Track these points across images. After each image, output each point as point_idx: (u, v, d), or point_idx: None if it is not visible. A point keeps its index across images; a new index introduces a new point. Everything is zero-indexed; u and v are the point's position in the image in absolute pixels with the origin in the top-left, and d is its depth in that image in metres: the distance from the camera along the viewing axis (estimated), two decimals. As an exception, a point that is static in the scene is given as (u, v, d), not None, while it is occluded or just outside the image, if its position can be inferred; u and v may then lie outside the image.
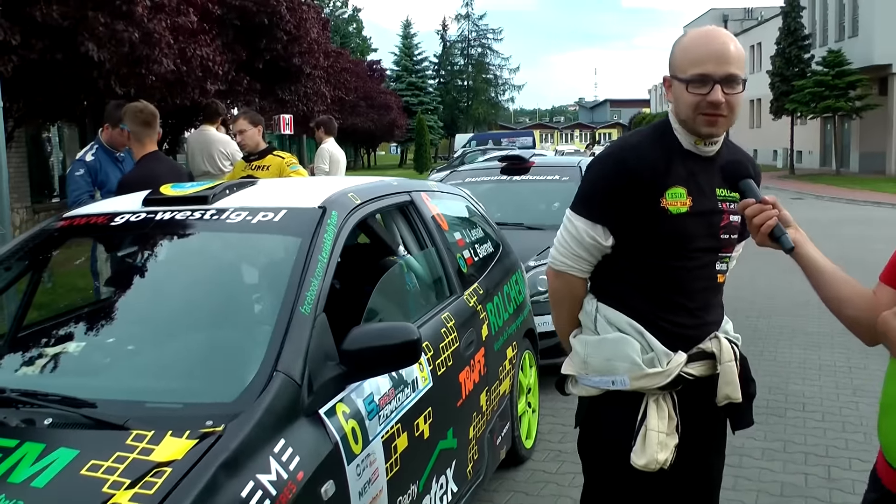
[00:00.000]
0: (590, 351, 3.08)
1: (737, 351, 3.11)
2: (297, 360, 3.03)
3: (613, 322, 3.03)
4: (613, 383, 3.01)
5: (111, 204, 4.41)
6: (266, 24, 20.35)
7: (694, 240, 2.97)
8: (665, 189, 2.92)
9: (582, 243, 3.01)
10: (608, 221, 2.97)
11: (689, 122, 2.93)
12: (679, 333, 3.00)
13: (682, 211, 2.92)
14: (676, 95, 2.95)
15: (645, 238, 2.95)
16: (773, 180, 42.20)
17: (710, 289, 3.10)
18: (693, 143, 2.98)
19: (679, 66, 2.93)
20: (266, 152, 8.31)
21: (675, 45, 3.00)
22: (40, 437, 2.72)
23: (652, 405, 2.98)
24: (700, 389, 3.04)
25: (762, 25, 59.94)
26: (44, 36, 11.23)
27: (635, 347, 2.97)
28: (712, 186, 3.01)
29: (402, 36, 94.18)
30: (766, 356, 8.81)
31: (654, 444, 2.93)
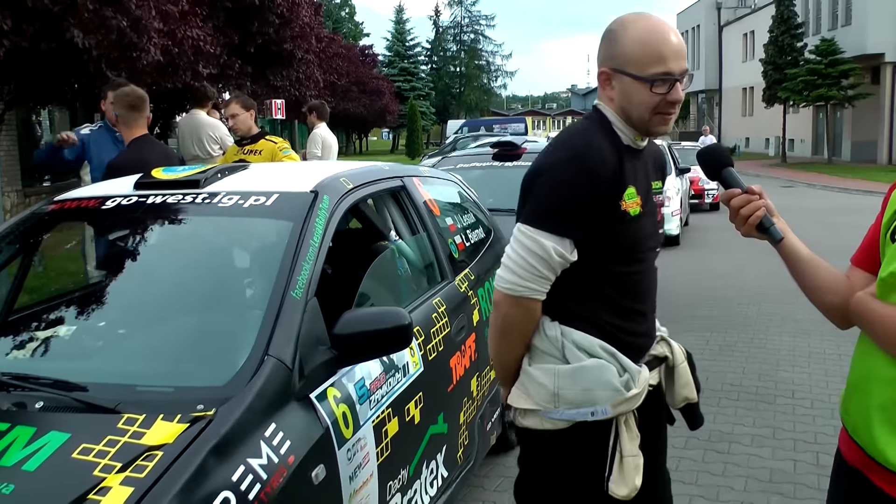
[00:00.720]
0: (562, 383, 2.74)
1: (684, 349, 3.02)
2: (288, 344, 3.03)
3: (584, 347, 2.75)
4: (593, 414, 2.72)
5: (102, 187, 4.40)
6: (257, 6, 20.26)
7: (645, 240, 2.84)
8: (623, 190, 2.73)
9: (549, 262, 2.68)
10: (576, 234, 2.69)
11: (643, 122, 2.75)
12: (637, 343, 2.86)
13: (638, 212, 2.76)
14: (628, 93, 2.73)
15: (607, 245, 2.75)
16: (764, 168, 42.32)
17: (653, 286, 2.97)
18: (633, 138, 2.82)
19: (635, 61, 2.68)
20: (258, 137, 8.31)
21: (622, 36, 2.73)
22: (31, 420, 2.72)
23: (623, 428, 2.75)
24: (652, 396, 2.90)
25: (755, 13, 59.88)
26: (34, 20, 11.19)
27: (613, 372, 2.72)
28: (649, 181, 2.90)
29: (395, 21, 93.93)
30: (756, 343, 8.87)
31: (632, 469, 2.73)
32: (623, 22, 2.78)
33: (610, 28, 2.80)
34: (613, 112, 2.82)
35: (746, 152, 58.83)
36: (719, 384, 7.43)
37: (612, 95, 2.79)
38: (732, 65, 65.09)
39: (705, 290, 11.49)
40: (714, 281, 12.06)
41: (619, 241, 2.76)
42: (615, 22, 2.81)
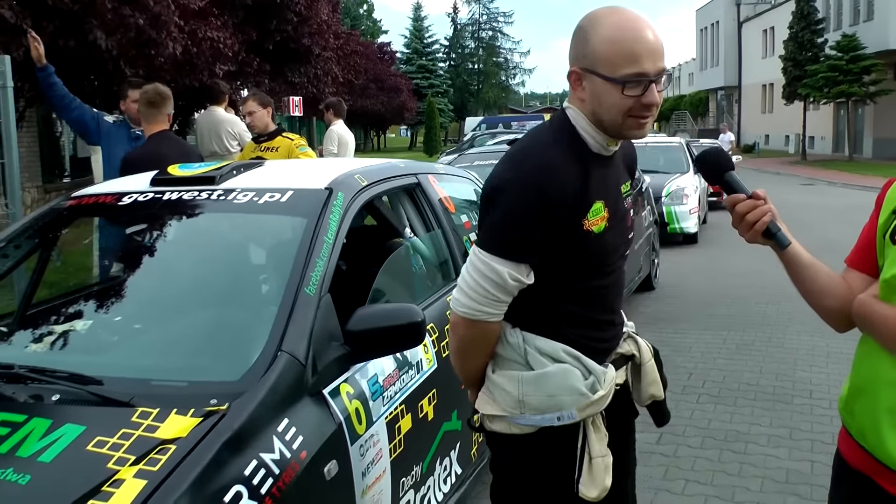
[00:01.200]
0: (526, 389, 2.66)
1: (651, 346, 2.93)
2: (301, 340, 3.04)
3: (546, 352, 2.66)
4: (559, 419, 2.64)
5: (119, 184, 4.44)
6: (276, 3, 20.32)
7: (614, 252, 2.71)
8: (587, 209, 2.56)
9: (504, 287, 2.56)
10: (532, 258, 2.56)
11: (615, 126, 2.56)
12: (603, 347, 2.77)
13: (603, 227, 2.59)
14: (598, 95, 2.53)
15: (567, 263, 2.61)
16: (784, 166, 42.07)
17: (621, 292, 2.88)
18: (605, 144, 2.63)
19: (605, 62, 2.48)
20: (275, 134, 8.33)
21: (591, 34, 2.53)
22: (48, 412, 2.75)
23: (591, 429, 2.68)
24: (620, 395, 2.81)
25: (775, 9, 59.53)
26: (53, 19, 11.25)
27: (577, 376, 2.63)
28: (619, 186, 2.75)
29: (413, 18, 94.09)
30: (773, 342, 8.82)
31: (601, 470, 2.65)
32: (594, 18, 2.57)
33: (580, 24, 2.61)
34: (584, 115, 2.63)
35: (766, 150, 58.51)
36: (736, 383, 7.40)
37: (582, 97, 2.60)
38: (752, 61, 64.81)
39: (723, 289, 11.45)
40: (732, 279, 12.01)
41: (581, 259, 2.62)
42: (586, 17, 2.60)
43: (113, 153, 7.16)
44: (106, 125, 7.29)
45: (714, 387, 7.33)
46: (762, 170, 39.77)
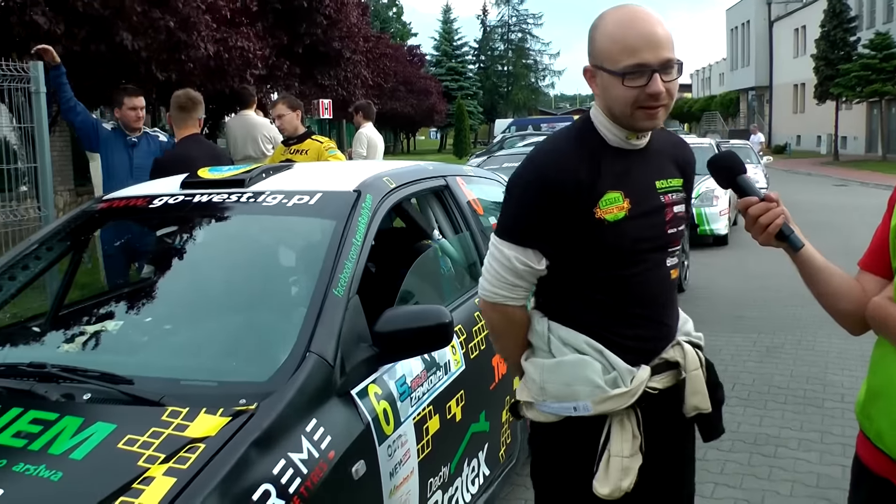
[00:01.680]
0: (546, 376, 2.76)
1: (702, 356, 2.88)
2: (329, 341, 3.06)
3: (569, 342, 2.74)
4: (575, 409, 2.71)
5: (150, 187, 4.49)
6: (306, 7, 20.41)
7: (638, 243, 2.69)
8: (598, 197, 2.62)
9: (514, 271, 2.70)
10: (537, 244, 2.68)
11: (626, 118, 2.62)
12: (639, 346, 2.75)
13: (621, 216, 2.63)
14: (606, 89, 2.62)
15: (585, 253, 2.68)
16: (816, 167, 41.75)
17: (665, 289, 2.84)
18: (625, 137, 2.69)
19: (607, 56, 2.58)
20: (305, 136, 8.37)
21: (596, 31, 2.64)
22: (79, 411, 2.79)
23: (616, 427, 2.70)
24: (665, 401, 2.79)
25: (807, 7, 59.09)
26: (84, 24, 11.36)
27: (596, 369, 2.68)
28: (650, 180, 2.75)
29: (442, 21, 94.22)
30: (804, 345, 8.74)
31: (618, 470, 2.67)
32: (601, 16, 2.68)
33: (592, 24, 2.70)
34: (599, 110, 2.73)
35: (797, 150, 58.09)
36: (766, 386, 7.35)
37: (597, 93, 2.71)
38: (783, 61, 64.40)
39: (753, 291, 11.39)
40: (762, 281, 11.94)
41: (596, 247, 2.67)
42: (598, 16, 2.70)
43: (111, 160, 7.19)
44: (104, 132, 7.30)
45: (744, 390, 7.28)
46: (793, 171, 39.50)
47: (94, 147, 7.31)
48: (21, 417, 2.76)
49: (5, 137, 7.70)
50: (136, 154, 7.20)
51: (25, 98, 6.98)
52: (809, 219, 18.74)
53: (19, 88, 6.90)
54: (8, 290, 3.94)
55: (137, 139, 7.29)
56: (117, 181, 6.74)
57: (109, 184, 6.94)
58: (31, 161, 7.15)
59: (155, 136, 7.46)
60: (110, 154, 7.21)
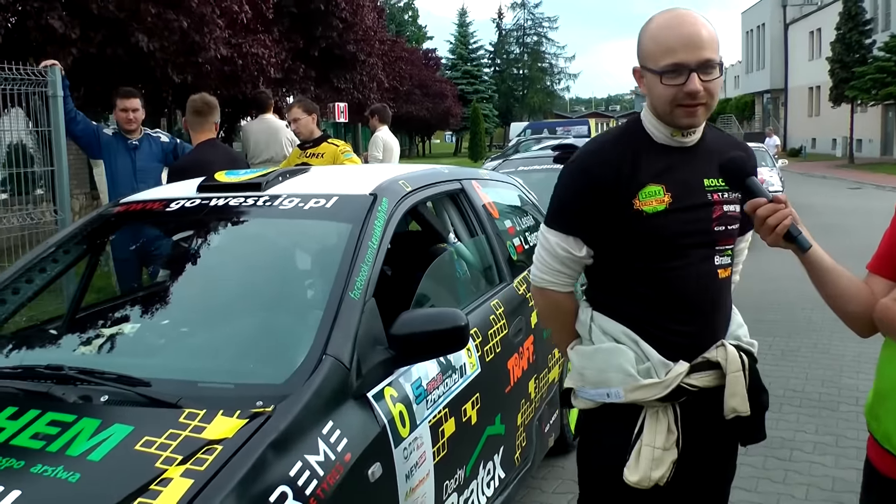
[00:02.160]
0: (584, 362, 2.93)
1: (745, 360, 2.89)
2: (346, 343, 3.07)
3: (608, 331, 2.87)
4: (608, 396, 2.86)
5: (167, 190, 4.51)
6: (322, 10, 20.47)
7: (680, 237, 2.78)
8: (637, 190, 2.75)
9: (557, 257, 2.88)
10: (579, 232, 2.84)
11: (667, 115, 2.75)
12: (680, 342, 2.82)
13: (660, 209, 2.74)
14: (650, 88, 2.77)
15: (625, 243, 2.80)
16: (831, 169, 41.60)
17: (711, 286, 2.87)
18: (670, 135, 2.80)
19: (650, 56, 2.73)
20: (320, 140, 8.38)
21: (643, 33, 2.80)
22: (97, 413, 2.80)
23: (650, 419, 2.82)
24: (707, 401, 2.85)
25: (822, 10, 58.82)
26: (100, 27, 11.41)
27: (629, 357, 2.81)
28: (698, 178, 2.83)
29: (458, 24, 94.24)
30: (819, 348, 8.73)
31: (649, 460, 2.78)
32: (649, 19, 2.83)
33: (641, 27, 2.84)
34: (647, 108, 2.86)
35: (812, 153, 57.84)
36: (781, 390, 7.33)
37: (644, 92, 2.83)
38: (798, 64, 64.19)
39: (768, 294, 11.36)
40: (778, 284, 11.91)
41: (635, 238, 2.78)
42: (647, 20, 2.85)
43: (114, 166, 7.20)
44: (105, 137, 7.29)
45: (759, 393, 7.25)
46: (809, 174, 39.37)
47: (97, 154, 7.32)
48: (39, 419, 2.77)
49: (22, 141, 7.72)
50: (139, 157, 7.21)
51: (42, 102, 7.01)
52: (823, 221, 18.71)
53: (36, 92, 6.92)
54: (25, 293, 3.96)
55: (138, 142, 7.29)
56: (122, 186, 6.77)
57: (115, 189, 6.96)
58: (48, 164, 7.18)
59: (157, 138, 7.46)
60: (113, 159, 7.23)
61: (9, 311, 3.88)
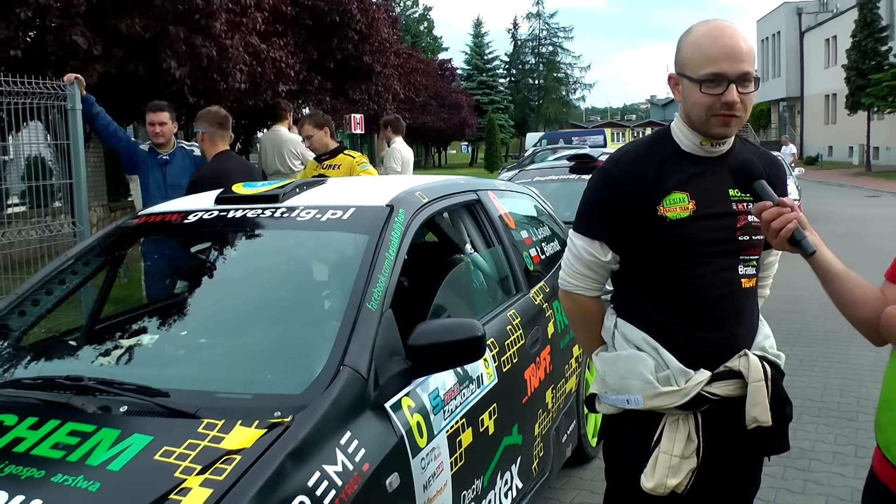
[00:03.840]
0: (606, 368, 2.98)
1: (768, 370, 2.88)
2: (363, 354, 3.08)
3: (630, 338, 2.92)
4: (628, 402, 2.90)
5: (185, 202, 4.53)
6: (337, 22, 20.53)
7: (703, 245, 2.82)
8: (662, 196, 2.81)
9: (583, 261, 2.96)
10: (604, 236, 2.91)
11: (701, 124, 2.80)
12: (702, 350, 2.84)
13: (683, 216, 2.79)
14: (686, 95, 2.82)
15: (648, 248, 2.86)
16: (848, 177, 41.38)
17: (734, 295, 2.89)
18: (699, 143, 2.86)
19: (690, 64, 2.78)
20: (337, 151, 8.39)
21: (683, 41, 2.85)
22: (116, 423, 2.82)
23: (669, 426, 2.84)
24: (731, 410, 2.86)
25: (837, 18, 58.50)
26: (122, 44, 11.47)
27: (648, 365, 2.84)
28: (723, 187, 2.86)
29: (473, 35, 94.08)
30: (837, 358, 8.70)
31: (665, 467, 2.80)
32: (689, 28, 2.88)
33: (681, 35, 2.89)
34: (679, 116, 2.92)
35: (829, 161, 57.54)
36: (799, 400, 7.27)
37: (679, 99, 2.89)
38: (814, 71, 63.94)
39: (786, 303, 11.29)
40: (795, 293, 11.82)
41: (659, 243, 2.83)
42: (687, 29, 2.90)
43: (147, 181, 7.25)
44: (142, 153, 7.33)
45: (777, 402, 7.23)
46: (826, 182, 39.22)
47: (135, 170, 7.36)
48: (59, 429, 2.80)
49: (40, 154, 7.78)
50: (169, 172, 7.24)
51: (61, 115, 7.05)
52: (841, 230, 18.62)
53: (55, 106, 6.97)
54: (45, 305, 3.99)
55: (170, 156, 7.32)
56: (154, 201, 6.80)
57: (148, 204, 6.99)
58: (66, 177, 7.22)
59: (190, 151, 7.48)
60: (147, 174, 7.27)
61: (28, 322, 3.91)
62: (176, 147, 7.40)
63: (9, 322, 3.84)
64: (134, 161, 7.30)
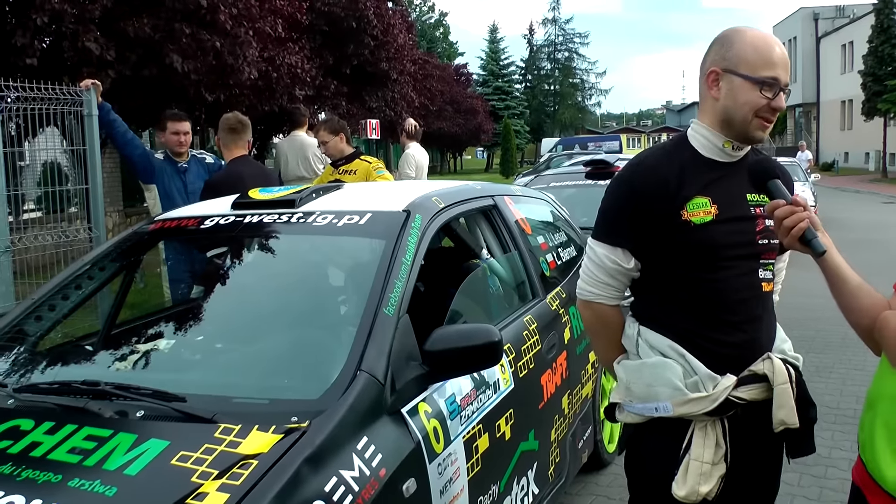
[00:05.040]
0: (631, 377, 2.95)
1: (792, 372, 2.90)
2: (380, 359, 3.08)
3: (655, 345, 2.91)
4: (656, 410, 2.88)
5: (201, 207, 4.54)
6: (353, 28, 20.58)
7: (726, 248, 2.84)
8: (685, 202, 2.81)
9: (605, 269, 2.94)
10: (626, 243, 2.90)
11: (743, 124, 2.81)
12: (726, 354, 2.85)
13: (707, 220, 2.81)
14: (735, 94, 2.81)
15: (672, 253, 2.86)
16: (864, 184, 41.23)
17: (754, 299, 2.92)
18: (721, 146, 2.88)
19: (747, 63, 2.78)
20: (353, 157, 8.40)
21: (735, 40, 2.84)
22: (133, 427, 2.82)
23: (698, 433, 2.84)
24: (756, 414, 2.87)
25: (854, 23, 58.32)
26: (135, 48, 11.51)
27: (676, 372, 2.83)
28: (742, 192, 2.89)
29: (489, 40, 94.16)
30: (854, 364, 8.66)
31: (697, 474, 2.80)
32: (738, 28, 2.89)
33: (724, 33, 2.90)
34: (702, 122, 2.91)
35: (845, 167, 57.30)
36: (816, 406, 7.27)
37: (717, 96, 2.86)
38: (830, 77, 63.76)
39: (802, 310, 11.25)
40: (811, 300, 11.72)
41: (684, 248, 2.84)
42: (729, 29, 2.92)
43: (167, 189, 7.23)
44: (157, 162, 7.31)
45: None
46: (842, 188, 39.09)
47: (151, 179, 7.33)
48: (76, 434, 2.80)
49: (56, 159, 7.80)
50: (189, 179, 7.26)
51: (77, 121, 7.06)
52: (856, 236, 18.54)
53: (71, 112, 6.99)
54: (62, 310, 4.00)
55: (187, 164, 7.35)
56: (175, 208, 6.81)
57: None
58: (82, 183, 7.24)
59: (202, 159, 7.51)
60: (166, 183, 7.24)
61: (45, 327, 3.92)
62: (190, 155, 7.41)
63: (25, 327, 3.85)
64: (151, 169, 7.28)
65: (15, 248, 6.42)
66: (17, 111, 6.60)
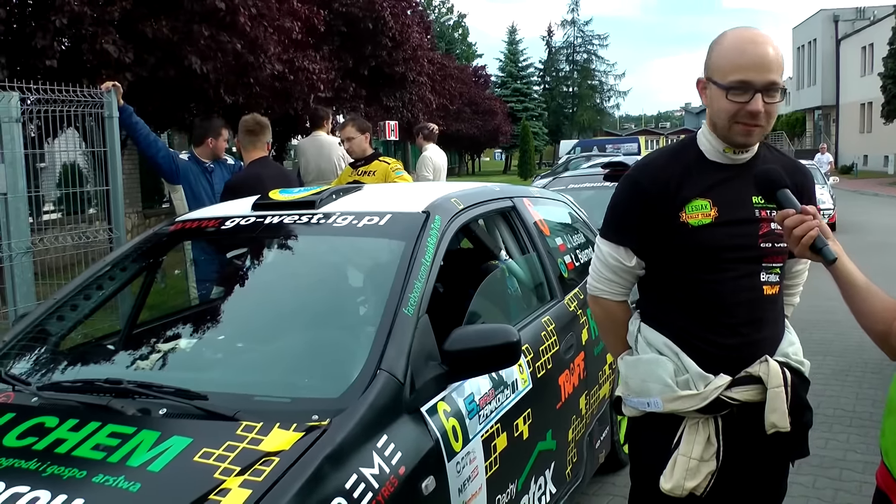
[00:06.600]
0: (628, 372, 3.07)
1: (788, 376, 2.92)
2: (399, 359, 3.11)
3: (652, 342, 2.98)
4: (648, 405, 2.97)
5: (222, 208, 4.58)
6: (371, 29, 20.63)
7: (725, 250, 2.85)
8: (684, 203, 2.85)
9: (609, 266, 3.03)
10: (629, 242, 2.97)
11: (724, 131, 2.83)
12: (723, 355, 2.88)
13: (705, 223, 2.83)
14: (712, 100, 2.85)
15: (671, 254, 2.90)
16: (883, 187, 41.00)
17: (755, 302, 2.92)
18: (722, 150, 2.89)
19: (718, 69, 2.80)
20: (372, 158, 8.43)
21: (714, 46, 2.86)
22: (156, 425, 2.86)
23: (689, 429, 2.90)
24: (751, 415, 2.88)
25: (874, 25, 57.85)
26: (154, 50, 11.57)
27: (668, 369, 2.90)
28: (747, 195, 2.88)
29: (508, 42, 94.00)
30: (870, 367, 8.63)
31: (683, 469, 2.86)
32: (724, 33, 2.88)
33: (713, 40, 2.90)
34: (706, 122, 2.95)
35: (864, 171, 56.92)
36: (832, 409, 7.26)
37: (705, 103, 2.91)
38: (850, 79, 63.33)
39: (819, 313, 11.18)
40: (828, 303, 11.64)
41: (681, 249, 2.88)
42: (719, 34, 2.90)
43: (195, 189, 7.29)
44: (183, 163, 7.35)
45: (810, 412, 7.19)
46: (860, 191, 38.90)
47: (177, 180, 7.38)
48: (99, 431, 2.83)
49: (75, 161, 7.84)
50: (215, 180, 7.33)
51: (96, 123, 7.10)
52: (874, 240, 18.49)
53: (91, 114, 7.02)
54: (83, 310, 4.04)
55: (212, 165, 7.42)
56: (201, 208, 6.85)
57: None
58: (103, 184, 7.28)
59: (224, 161, 7.59)
60: (194, 183, 7.31)
61: (67, 326, 3.96)
62: (215, 162, 7.48)
63: (48, 326, 3.89)
64: (175, 170, 7.31)
65: (35, 248, 6.46)
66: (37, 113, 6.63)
